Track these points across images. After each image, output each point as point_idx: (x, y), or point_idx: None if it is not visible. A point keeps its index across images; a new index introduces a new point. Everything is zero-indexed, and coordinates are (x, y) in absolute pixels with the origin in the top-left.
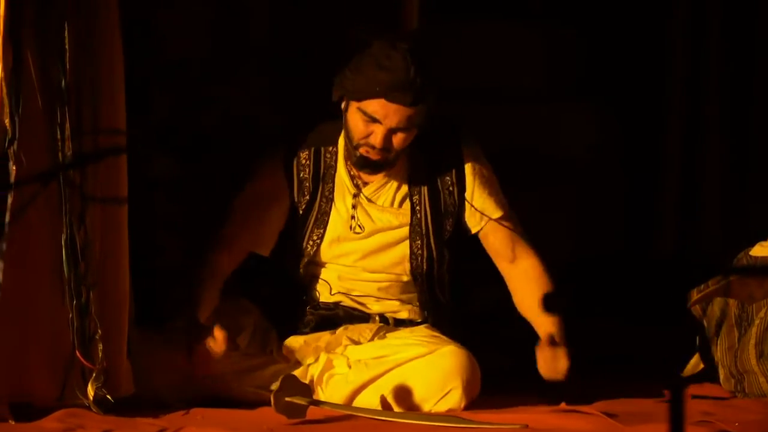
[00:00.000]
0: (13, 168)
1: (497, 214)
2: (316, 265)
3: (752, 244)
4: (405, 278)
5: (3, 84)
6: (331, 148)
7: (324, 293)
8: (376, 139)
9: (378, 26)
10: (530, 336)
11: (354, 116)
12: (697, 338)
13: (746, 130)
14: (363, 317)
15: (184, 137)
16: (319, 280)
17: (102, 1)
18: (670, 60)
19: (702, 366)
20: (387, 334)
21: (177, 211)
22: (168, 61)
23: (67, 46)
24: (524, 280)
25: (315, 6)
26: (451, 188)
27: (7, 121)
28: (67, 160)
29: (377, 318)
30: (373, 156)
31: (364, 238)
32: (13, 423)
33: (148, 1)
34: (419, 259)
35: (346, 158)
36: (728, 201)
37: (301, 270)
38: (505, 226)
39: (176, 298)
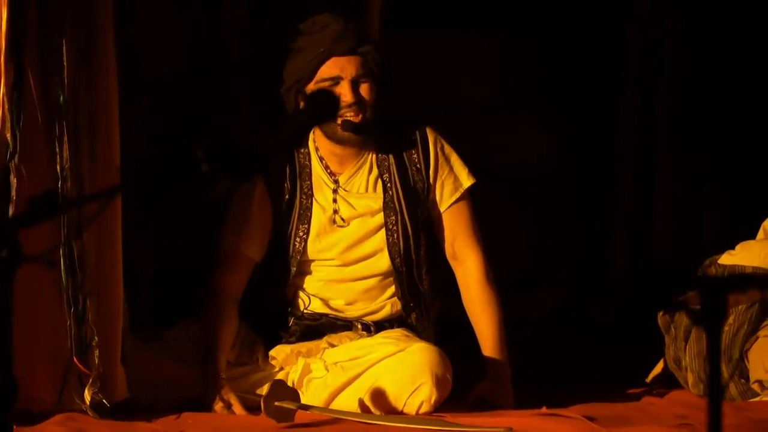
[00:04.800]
0: (14, 180)
1: (452, 197)
2: (303, 271)
3: (710, 255)
4: (385, 264)
5: (5, 99)
6: (303, 150)
7: (308, 304)
8: (347, 94)
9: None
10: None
11: None
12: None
13: (698, 144)
14: (346, 326)
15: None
16: (304, 292)
17: (98, 17)
18: (625, 74)
19: (662, 368)
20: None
21: (168, 222)
22: (147, 77)
23: (65, 62)
24: (464, 283)
25: (277, 21)
26: (418, 165)
27: (8, 136)
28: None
29: (359, 326)
30: (353, 116)
31: (346, 227)
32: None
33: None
34: (395, 235)
35: (320, 156)
36: (680, 215)
37: (293, 272)
38: (457, 217)
39: (169, 307)
